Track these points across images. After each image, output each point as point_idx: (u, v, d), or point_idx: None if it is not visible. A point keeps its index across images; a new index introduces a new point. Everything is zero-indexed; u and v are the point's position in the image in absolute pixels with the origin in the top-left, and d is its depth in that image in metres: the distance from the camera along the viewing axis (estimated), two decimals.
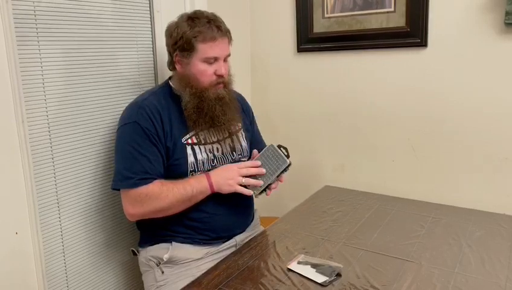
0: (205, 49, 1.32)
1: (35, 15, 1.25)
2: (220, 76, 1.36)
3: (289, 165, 1.36)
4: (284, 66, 2.06)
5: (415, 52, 1.72)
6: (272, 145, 1.39)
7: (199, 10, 1.39)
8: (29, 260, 1.26)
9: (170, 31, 1.37)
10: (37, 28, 1.26)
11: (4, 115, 1.17)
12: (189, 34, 1.31)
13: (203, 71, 1.34)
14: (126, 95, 1.54)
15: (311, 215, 1.59)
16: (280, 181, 1.42)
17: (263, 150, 1.40)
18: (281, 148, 1.37)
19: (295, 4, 1.95)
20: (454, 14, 1.62)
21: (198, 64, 1.34)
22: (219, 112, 1.37)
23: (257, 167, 1.37)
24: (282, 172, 1.36)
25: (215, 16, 1.37)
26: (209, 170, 1.38)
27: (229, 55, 1.39)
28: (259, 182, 1.36)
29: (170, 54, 1.39)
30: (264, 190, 1.37)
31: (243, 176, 1.34)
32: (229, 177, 1.33)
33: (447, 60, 1.66)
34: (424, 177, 1.78)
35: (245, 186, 1.35)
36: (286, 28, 2.01)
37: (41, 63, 1.28)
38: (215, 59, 1.34)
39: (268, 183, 1.36)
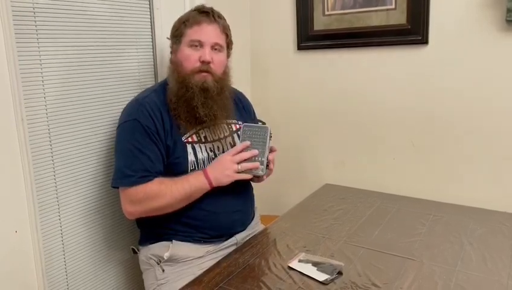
0: (190, 33, 1.35)
1: (34, 12, 1.25)
2: (204, 62, 1.34)
3: (270, 130, 1.34)
4: (284, 63, 2.05)
5: (416, 49, 1.72)
6: (244, 124, 1.37)
7: (203, 4, 1.42)
8: (28, 259, 1.26)
9: (172, 25, 1.41)
10: (36, 26, 1.25)
11: (3, 113, 1.16)
12: (180, 21, 1.37)
13: (188, 56, 1.34)
14: (126, 93, 1.53)
15: (311, 214, 1.58)
16: (273, 150, 1.40)
17: (241, 133, 1.37)
18: (259, 121, 1.38)
19: (295, 2, 1.95)
20: (455, 11, 1.62)
21: (185, 49, 1.35)
22: (198, 102, 1.32)
23: (247, 147, 1.33)
24: (269, 140, 1.34)
25: (212, 8, 1.39)
26: None
27: (218, 44, 1.37)
28: (256, 164, 1.33)
29: (170, 46, 1.43)
30: (267, 165, 1.35)
31: (238, 163, 1.33)
32: (225, 168, 1.32)
33: (448, 58, 1.66)
34: (425, 175, 1.78)
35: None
36: (286, 25, 2.01)
37: (40, 61, 1.27)
38: (200, 44, 1.34)
39: (266, 156, 1.34)
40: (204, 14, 1.35)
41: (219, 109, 1.37)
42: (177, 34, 1.37)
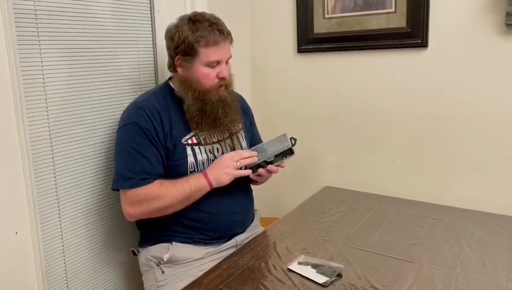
0: (208, 53, 1.32)
1: (35, 14, 1.25)
2: (222, 78, 1.36)
3: (291, 150, 1.39)
4: (284, 66, 2.06)
5: (416, 52, 1.72)
6: (284, 134, 1.43)
7: (199, 12, 1.37)
8: (29, 260, 1.26)
9: (171, 34, 1.35)
10: (37, 28, 1.26)
11: (4, 114, 1.16)
12: (192, 39, 1.30)
13: (206, 75, 1.34)
14: (126, 95, 1.54)
15: (311, 216, 1.58)
16: (281, 166, 1.43)
17: (276, 137, 1.44)
18: (292, 139, 1.41)
19: (295, 4, 1.95)
20: (454, 14, 1.63)
21: (201, 68, 1.33)
22: (221, 114, 1.37)
23: (253, 156, 1.39)
24: (282, 155, 1.39)
25: (215, 18, 1.36)
26: None
27: (230, 57, 1.39)
28: (254, 159, 1.38)
29: (171, 56, 1.38)
30: (261, 166, 1.39)
31: (236, 161, 1.35)
32: (224, 167, 1.34)
33: (448, 61, 1.66)
34: (424, 178, 1.78)
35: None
36: (286, 28, 2.01)
37: (41, 62, 1.28)
38: (218, 62, 1.34)
39: (265, 159, 1.38)
40: (218, 32, 1.32)
41: (234, 113, 1.42)
42: (190, 52, 1.31)
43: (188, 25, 1.32)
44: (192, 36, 1.30)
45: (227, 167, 1.34)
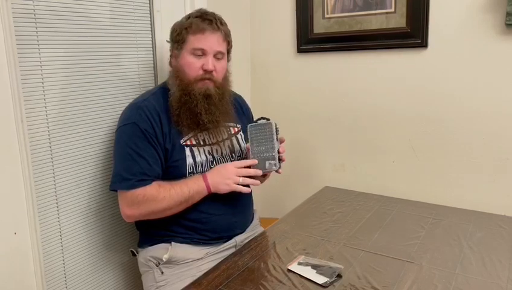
0: (193, 40, 1.33)
1: (34, 14, 1.25)
2: (207, 71, 1.34)
3: (275, 124, 1.35)
4: (284, 66, 2.06)
5: (416, 52, 1.72)
6: (249, 125, 1.37)
7: (204, 9, 1.40)
8: (27, 260, 1.26)
9: (172, 28, 1.40)
10: (36, 28, 1.26)
11: (3, 114, 1.16)
12: (182, 26, 1.35)
13: (190, 64, 1.34)
14: (126, 95, 1.53)
15: (311, 216, 1.58)
16: (282, 141, 1.40)
17: (248, 135, 1.37)
18: (258, 120, 1.38)
19: (295, 4, 1.95)
20: (454, 14, 1.62)
21: (187, 56, 1.34)
22: (202, 109, 1.33)
23: (253, 165, 1.35)
24: (277, 134, 1.35)
25: (214, 13, 1.38)
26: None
27: (221, 53, 1.37)
28: (257, 182, 1.36)
29: (170, 50, 1.42)
30: (279, 159, 1.35)
31: (240, 176, 1.33)
32: (226, 177, 1.33)
33: (448, 61, 1.66)
34: (424, 178, 1.78)
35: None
36: (286, 28, 2.01)
37: (40, 62, 1.28)
38: (203, 52, 1.34)
39: (277, 150, 1.34)
40: (208, 21, 1.33)
41: (221, 115, 1.38)
42: (179, 39, 1.35)
43: (186, 17, 1.37)
44: (184, 24, 1.35)
45: (229, 177, 1.32)
